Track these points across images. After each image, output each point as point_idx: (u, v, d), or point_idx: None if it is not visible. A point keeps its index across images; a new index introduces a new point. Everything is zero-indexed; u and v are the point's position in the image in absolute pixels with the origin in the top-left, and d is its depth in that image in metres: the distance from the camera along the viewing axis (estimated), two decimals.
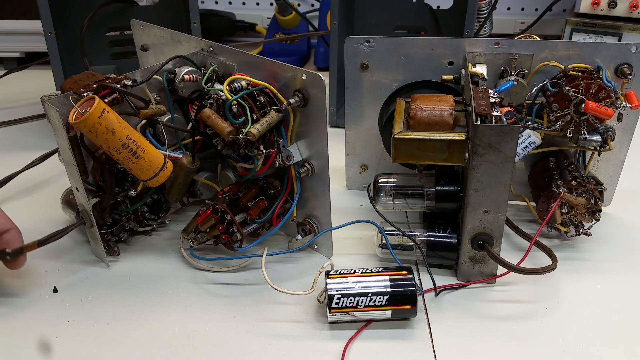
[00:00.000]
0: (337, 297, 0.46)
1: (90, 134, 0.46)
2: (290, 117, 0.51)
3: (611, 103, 0.53)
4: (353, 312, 0.46)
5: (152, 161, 0.49)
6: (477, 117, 0.47)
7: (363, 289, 0.46)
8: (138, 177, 0.50)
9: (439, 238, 0.54)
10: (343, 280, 0.47)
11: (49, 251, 0.56)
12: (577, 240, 0.59)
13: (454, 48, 0.58)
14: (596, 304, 0.51)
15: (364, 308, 0.46)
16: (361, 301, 0.46)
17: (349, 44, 0.59)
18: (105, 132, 0.46)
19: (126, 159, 0.48)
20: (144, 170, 0.49)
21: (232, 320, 0.49)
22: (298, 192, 0.54)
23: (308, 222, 0.56)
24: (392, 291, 0.46)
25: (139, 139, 0.48)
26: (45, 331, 0.47)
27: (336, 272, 0.48)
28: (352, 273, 0.48)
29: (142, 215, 0.57)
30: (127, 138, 0.47)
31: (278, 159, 0.51)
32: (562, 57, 0.55)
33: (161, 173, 0.50)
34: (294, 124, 0.51)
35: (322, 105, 0.48)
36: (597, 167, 0.61)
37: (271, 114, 0.49)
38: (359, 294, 0.46)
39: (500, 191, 0.48)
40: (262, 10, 1.27)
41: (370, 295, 0.46)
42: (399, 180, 0.56)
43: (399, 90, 0.61)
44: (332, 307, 0.46)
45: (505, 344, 0.47)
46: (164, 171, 0.50)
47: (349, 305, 0.46)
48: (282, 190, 0.55)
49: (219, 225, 0.53)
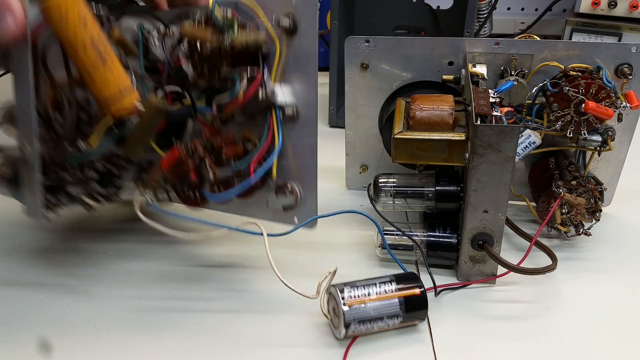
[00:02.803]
0: (354, 325, 0.44)
1: (60, 21, 0.39)
2: (276, 48, 0.44)
3: (611, 103, 0.53)
4: (365, 333, 0.46)
5: (119, 76, 0.41)
6: (477, 117, 0.47)
7: (378, 313, 0.45)
8: (99, 94, 0.41)
9: (439, 238, 0.54)
10: (360, 307, 0.44)
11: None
12: (577, 240, 0.59)
13: (454, 48, 0.58)
14: (596, 304, 0.51)
15: (377, 329, 0.46)
16: (376, 326, 0.45)
17: (349, 44, 0.59)
18: (78, 21, 0.39)
19: (92, 64, 0.40)
20: (109, 84, 0.41)
21: (231, 320, 0.49)
22: (280, 140, 0.46)
23: (290, 185, 0.47)
24: (405, 315, 0.45)
25: (108, 45, 0.41)
26: None
27: (351, 295, 0.44)
28: (368, 296, 0.45)
29: (89, 182, 0.47)
30: (98, 36, 0.40)
31: (262, 91, 0.44)
32: (562, 57, 0.55)
33: (127, 96, 0.42)
34: (279, 59, 0.45)
35: (312, 39, 0.43)
36: (597, 167, 0.61)
37: (257, 32, 0.43)
38: (374, 318, 0.45)
39: (500, 191, 0.48)
40: None
41: (385, 319, 0.45)
42: (399, 180, 0.56)
43: (399, 90, 0.61)
44: (348, 333, 0.45)
45: (505, 344, 0.47)
46: (131, 95, 0.42)
47: (363, 330, 0.45)
48: (261, 141, 0.47)
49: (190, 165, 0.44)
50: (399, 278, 0.47)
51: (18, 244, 0.59)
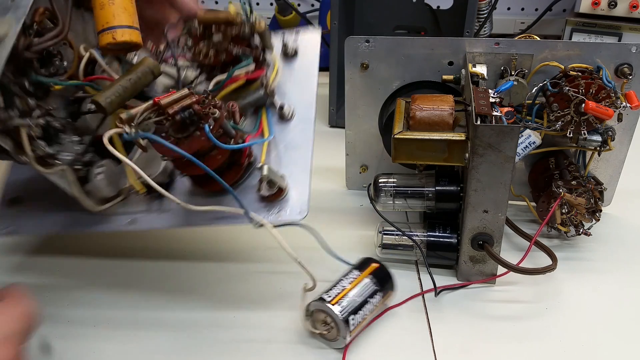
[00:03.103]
0: (351, 318, 0.45)
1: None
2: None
3: (611, 103, 0.53)
4: (364, 324, 0.46)
5: (134, 13, 0.41)
6: (477, 117, 0.47)
7: (361, 297, 0.46)
8: (111, 21, 0.40)
9: (439, 238, 0.54)
10: (345, 299, 0.45)
11: None
12: (577, 240, 0.59)
13: (454, 48, 0.58)
14: (596, 303, 0.51)
15: (369, 314, 0.46)
16: (367, 310, 0.46)
17: (349, 44, 0.59)
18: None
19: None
20: (126, 12, 0.41)
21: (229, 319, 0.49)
22: (271, 125, 0.46)
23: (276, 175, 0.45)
24: (381, 289, 0.47)
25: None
26: None
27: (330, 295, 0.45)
28: (345, 289, 0.46)
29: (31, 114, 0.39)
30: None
31: (264, 77, 0.46)
32: (562, 57, 0.55)
33: (135, 29, 0.41)
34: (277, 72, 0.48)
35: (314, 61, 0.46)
36: (597, 167, 0.61)
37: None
38: (362, 303, 0.46)
39: (500, 191, 0.48)
40: (262, 10, 1.27)
41: (370, 300, 0.46)
42: (399, 180, 0.56)
43: (399, 90, 0.61)
44: (350, 329, 0.45)
45: (505, 344, 0.47)
46: (138, 31, 0.42)
47: (360, 319, 0.45)
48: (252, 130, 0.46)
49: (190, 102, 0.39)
50: (356, 266, 0.49)
51: (18, 243, 0.59)
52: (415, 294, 0.51)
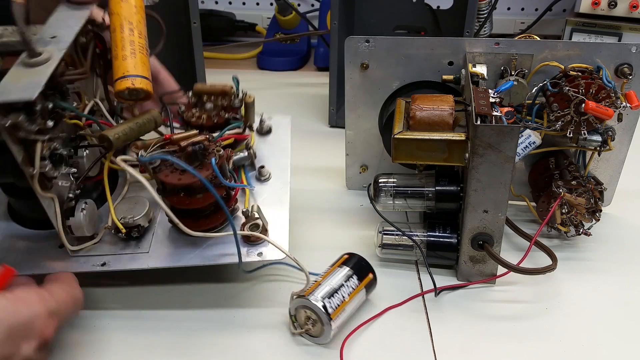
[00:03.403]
0: (328, 302, 0.45)
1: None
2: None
3: (611, 103, 0.53)
4: (345, 308, 0.46)
5: (149, 69, 0.47)
6: (477, 117, 0.47)
7: (337, 282, 0.47)
8: (131, 70, 0.45)
9: (439, 238, 0.54)
10: (319, 287, 0.46)
11: None
12: (577, 240, 0.59)
13: (454, 48, 0.58)
14: (596, 303, 0.51)
15: (347, 296, 0.47)
16: (345, 293, 0.47)
17: (349, 44, 0.59)
18: (139, 6, 0.47)
19: (140, 46, 0.46)
20: (144, 66, 0.46)
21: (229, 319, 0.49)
22: (250, 181, 0.54)
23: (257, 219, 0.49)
24: (357, 274, 0.48)
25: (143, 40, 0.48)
26: None
27: (305, 289, 0.47)
28: (318, 279, 0.48)
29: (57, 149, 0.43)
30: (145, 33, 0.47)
31: (249, 140, 0.53)
32: (562, 57, 0.55)
33: (150, 81, 0.46)
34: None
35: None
36: (597, 167, 0.61)
37: None
38: (337, 287, 0.47)
39: (500, 191, 0.48)
40: (262, 10, 1.27)
41: (345, 283, 0.47)
42: (399, 180, 0.56)
43: (399, 90, 0.61)
44: (331, 314, 0.45)
45: (505, 344, 0.47)
46: (151, 83, 0.46)
47: (339, 302, 0.46)
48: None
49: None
50: (331, 264, 0.50)
51: None
52: (415, 294, 0.51)
